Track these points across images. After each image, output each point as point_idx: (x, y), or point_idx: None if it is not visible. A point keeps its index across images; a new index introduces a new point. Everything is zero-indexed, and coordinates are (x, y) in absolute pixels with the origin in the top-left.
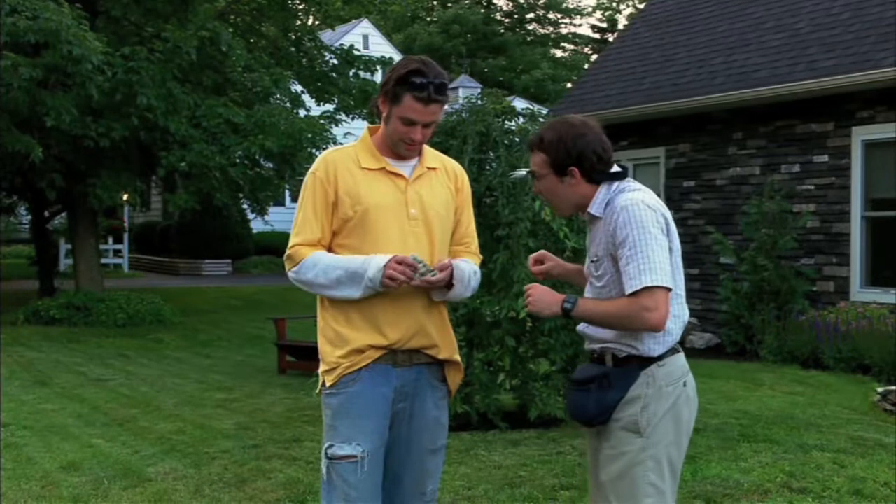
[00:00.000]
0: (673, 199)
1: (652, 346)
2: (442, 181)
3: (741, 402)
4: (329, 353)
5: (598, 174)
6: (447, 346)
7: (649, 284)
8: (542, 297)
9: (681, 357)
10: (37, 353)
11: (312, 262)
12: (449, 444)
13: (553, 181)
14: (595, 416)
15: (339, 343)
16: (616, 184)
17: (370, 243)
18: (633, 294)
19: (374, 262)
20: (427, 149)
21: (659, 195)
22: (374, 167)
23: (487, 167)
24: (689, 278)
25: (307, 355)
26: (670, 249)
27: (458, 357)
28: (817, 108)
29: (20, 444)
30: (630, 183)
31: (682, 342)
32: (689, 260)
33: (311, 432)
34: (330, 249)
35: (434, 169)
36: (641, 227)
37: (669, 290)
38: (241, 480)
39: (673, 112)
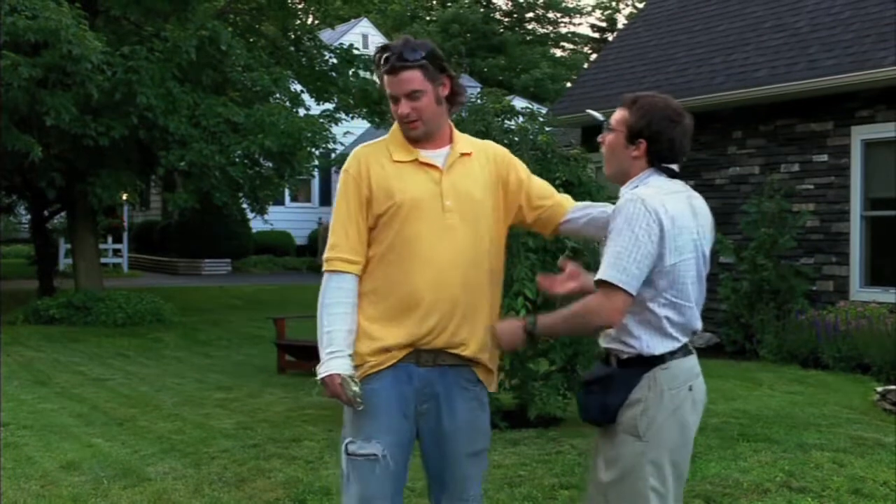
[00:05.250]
0: None
1: (649, 342)
2: (480, 165)
3: (740, 402)
4: (358, 347)
5: (658, 161)
6: (476, 345)
7: (606, 279)
8: (504, 331)
9: (688, 361)
10: (36, 353)
11: (332, 305)
12: None
13: (620, 141)
14: (597, 417)
15: (367, 339)
16: (654, 177)
17: (402, 241)
18: (595, 284)
19: (328, 366)
20: (459, 134)
21: None
22: (406, 159)
23: None
24: None
25: (307, 355)
26: (661, 255)
27: (483, 357)
28: (817, 108)
29: (20, 444)
30: (660, 180)
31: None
32: None
33: (310, 432)
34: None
35: (468, 154)
36: (627, 225)
37: (626, 292)
38: (240, 480)
39: None
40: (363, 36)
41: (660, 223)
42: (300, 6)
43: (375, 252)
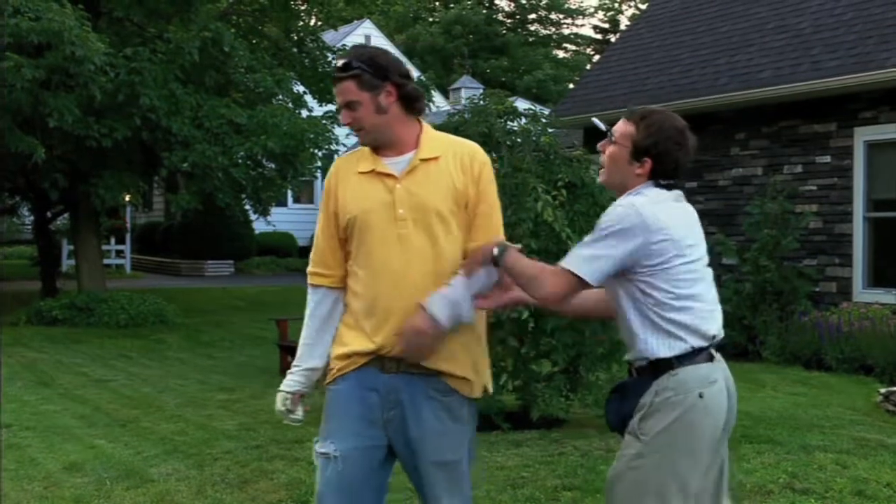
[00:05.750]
0: None
1: (655, 345)
2: (445, 170)
3: (743, 403)
4: (332, 352)
5: (660, 177)
6: (437, 355)
7: (567, 267)
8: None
9: (701, 368)
10: (39, 354)
11: (306, 318)
12: None
13: (624, 155)
14: (616, 424)
15: (338, 344)
16: (650, 188)
17: (362, 252)
18: (558, 266)
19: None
20: (430, 136)
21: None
22: (366, 170)
23: None
24: None
25: None
26: (651, 258)
27: (445, 367)
28: (820, 109)
29: (22, 445)
30: (656, 190)
31: None
32: None
33: (313, 433)
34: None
35: (433, 159)
36: (607, 224)
37: (580, 279)
38: (243, 481)
39: (676, 112)
40: (366, 37)
41: (646, 227)
42: (303, 7)
43: (349, 264)
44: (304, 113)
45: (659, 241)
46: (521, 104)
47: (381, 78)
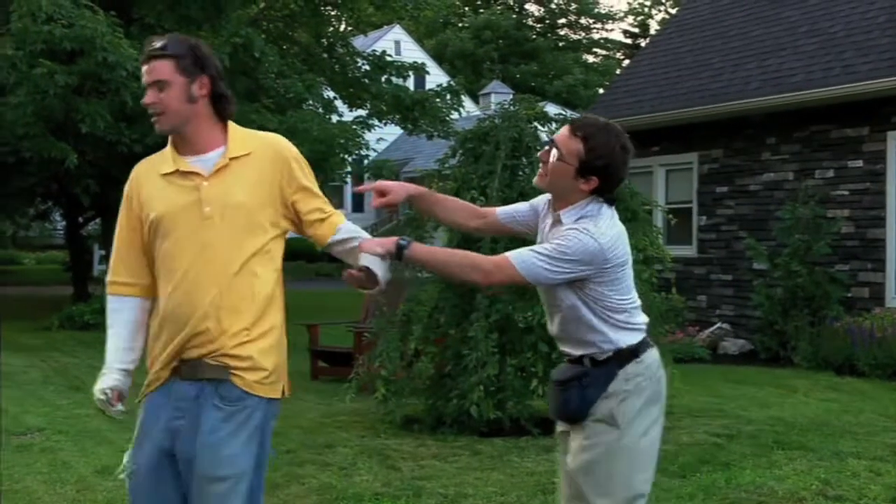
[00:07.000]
0: (706, 205)
1: (620, 338)
2: (256, 166)
3: (775, 409)
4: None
5: (604, 192)
6: (243, 352)
7: (517, 268)
8: (381, 241)
9: (654, 352)
10: (71, 358)
11: (110, 325)
12: (482, 450)
13: (569, 172)
14: (577, 411)
15: (150, 357)
16: (597, 207)
17: (162, 255)
18: (501, 255)
19: (101, 381)
20: (238, 135)
21: (691, 201)
22: (170, 170)
23: (520, 173)
24: (722, 284)
25: (340, 361)
26: (610, 275)
27: (237, 368)
28: (852, 113)
29: (55, 449)
30: (603, 209)
31: (714, 348)
32: (722, 265)
33: (344, 438)
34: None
35: (244, 156)
36: (571, 250)
37: (519, 277)
38: (274, 486)
39: (707, 117)
40: (396, 42)
41: (604, 256)
42: (333, 13)
43: (155, 269)
44: (335, 118)
45: (613, 264)
46: (551, 109)
47: (200, 68)
